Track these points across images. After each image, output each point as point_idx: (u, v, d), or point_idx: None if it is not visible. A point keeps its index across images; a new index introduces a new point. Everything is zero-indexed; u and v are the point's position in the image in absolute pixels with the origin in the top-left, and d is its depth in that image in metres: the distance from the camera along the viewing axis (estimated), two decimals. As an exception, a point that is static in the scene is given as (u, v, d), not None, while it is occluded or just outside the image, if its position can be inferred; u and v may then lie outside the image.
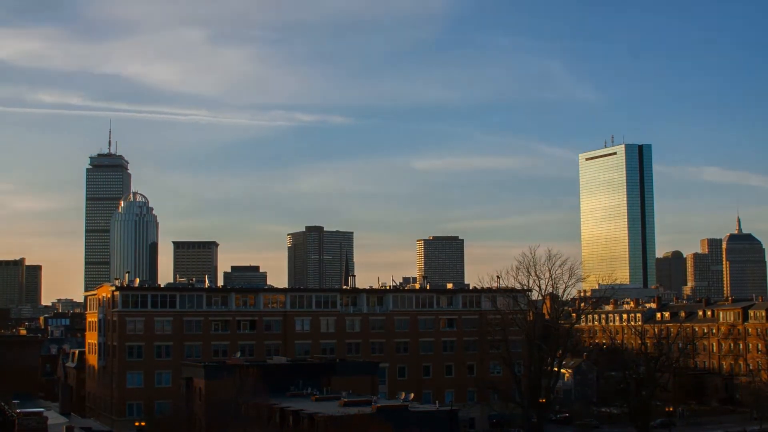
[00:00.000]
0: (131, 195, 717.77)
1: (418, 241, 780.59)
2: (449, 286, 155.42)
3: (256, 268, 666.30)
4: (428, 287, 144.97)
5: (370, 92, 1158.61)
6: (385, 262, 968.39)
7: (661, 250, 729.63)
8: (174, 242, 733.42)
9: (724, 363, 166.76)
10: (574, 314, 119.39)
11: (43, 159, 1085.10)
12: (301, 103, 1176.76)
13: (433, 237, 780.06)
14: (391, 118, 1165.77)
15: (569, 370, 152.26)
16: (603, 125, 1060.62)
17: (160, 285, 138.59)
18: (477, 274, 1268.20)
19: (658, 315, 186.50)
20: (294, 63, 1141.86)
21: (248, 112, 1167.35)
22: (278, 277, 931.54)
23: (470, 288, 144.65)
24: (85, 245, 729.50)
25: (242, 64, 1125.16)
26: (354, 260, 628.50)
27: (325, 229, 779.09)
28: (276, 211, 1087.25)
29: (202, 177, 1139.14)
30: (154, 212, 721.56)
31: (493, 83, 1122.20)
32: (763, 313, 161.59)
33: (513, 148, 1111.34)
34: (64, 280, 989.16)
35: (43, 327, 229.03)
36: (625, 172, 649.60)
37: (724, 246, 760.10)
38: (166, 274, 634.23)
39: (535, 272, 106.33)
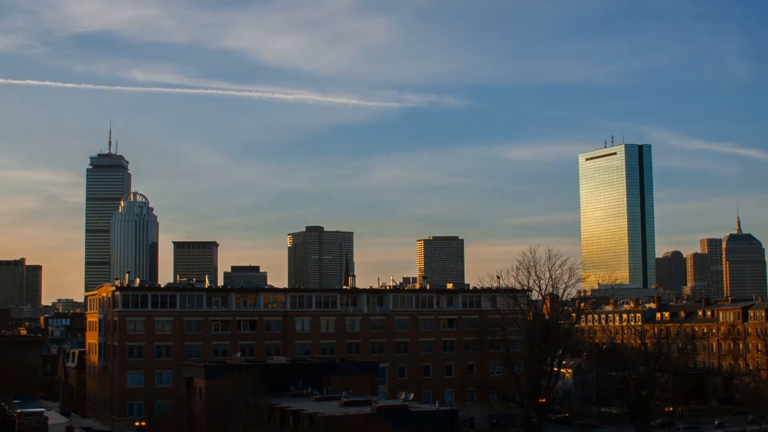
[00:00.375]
0: (131, 195, 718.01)
1: (418, 241, 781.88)
2: (449, 286, 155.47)
3: (256, 268, 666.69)
4: (428, 287, 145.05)
5: (501, 70, 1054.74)
6: (385, 261, 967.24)
7: (660, 250, 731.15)
8: (174, 242, 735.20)
9: (723, 363, 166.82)
10: (574, 314, 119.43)
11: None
12: (419, 82, 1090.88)
13: (433, 237, 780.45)
14: (512, 99, 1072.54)
15: (569, 370, 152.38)
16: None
17: (160, 285, 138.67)
18: (477, 274, 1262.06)
19: (658, 315, 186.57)
20: (432, 35, 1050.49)
21: (361, 91, 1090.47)
22: (279, 277, 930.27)
23: (470, 288, 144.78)
24: (86, 245, 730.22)
25: (377, 37, 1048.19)
26: (354, 260, 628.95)
27: (325, 229, 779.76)
28: (340, 206, 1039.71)
29: (276, 166, 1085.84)
30: (154, 212, 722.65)
31: (643, 60, 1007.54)
32: (763, 313, 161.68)
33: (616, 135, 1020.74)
34: (64, 280, 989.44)
35: (43, 327, 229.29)
36: (625, 172, 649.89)
37: (723, 246, 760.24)
38: (166, 274, 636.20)
39: (535, 272, 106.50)
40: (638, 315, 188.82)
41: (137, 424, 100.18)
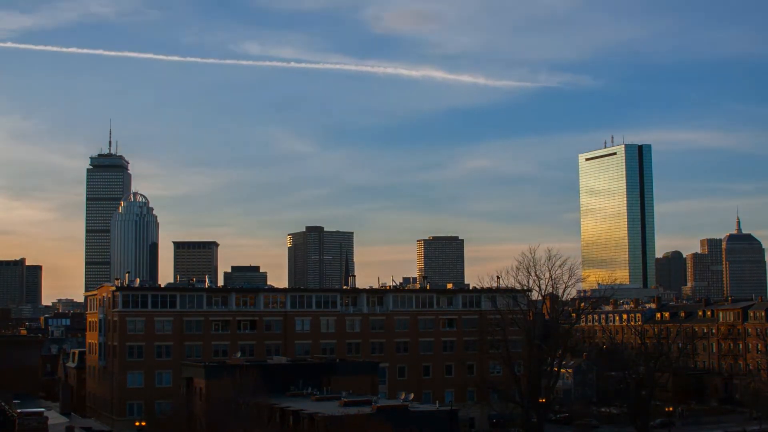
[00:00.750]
0: (131, 195, 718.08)
1: (418, 241, 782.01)
2: (449, 286, 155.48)
3: (256, 268, 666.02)
4: (428, 287, 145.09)
5: (657, 46, 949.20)
6: (385, 261, 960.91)
7: (660, 250, 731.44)
8: (174, 242, 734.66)
9: (723, 363, 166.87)
10: (574, 314, 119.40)
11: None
12: (562, 58, 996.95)
13: (433, 237, 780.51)
14: (654, 79, 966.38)
15: (569, 370, 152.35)
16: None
17: (160, 285, 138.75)
18: (477, 274, 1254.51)
19: (658, 315, 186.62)
20: (602, 4, 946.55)
21: (495, 68, 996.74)
22: (279, 277, 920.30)
23: (470, 288, 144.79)
24: (86, 245, 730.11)
25: (540, 4, 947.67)
26: (354, 260, 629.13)
27: (325, 229, 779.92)
28: (406, 202, 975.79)
29: (359, 155, 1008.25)
30: (154, 212, 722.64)
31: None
32: (763, 313, 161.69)
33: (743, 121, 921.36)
34: (64, 280, 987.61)
35: (43, 327, 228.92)
36: (625, 172, 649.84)
37: (723, 246, 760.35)
38: (166, 274, 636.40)
39: (535, 272, 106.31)
40: (638, 315, 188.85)
41: (137, 424, 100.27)
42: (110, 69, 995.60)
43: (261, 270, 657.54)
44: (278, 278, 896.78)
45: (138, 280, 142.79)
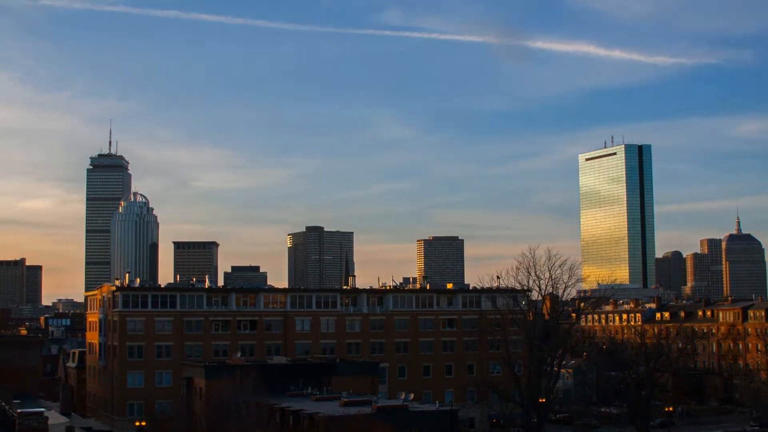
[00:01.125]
0: (132, 195, 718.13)
1: (418, 241, 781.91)
2: (449, 286, 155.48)
3: (256, 268, 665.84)
4: (428, 287, 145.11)
5: None
6: (385, 261, 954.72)
7: (660, 250, 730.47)
8: (174, 242, 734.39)
9: (723, 363, 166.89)
10: (573, 314, 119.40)
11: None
12: (731, 32, 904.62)
13: (433, 237, 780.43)
14: None
15: (569, 370, 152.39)
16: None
17: (160, 285, 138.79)
18: (477, 274, 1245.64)
19: (658, 315, 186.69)
20: None
21: (658, 42, 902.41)
22: (279, 277, 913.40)
23: (470, 288, 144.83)
24: (86, 245, 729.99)
25: None
26: (354, 260, 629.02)
27: (325, 229, 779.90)
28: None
29: (457, 143, 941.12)
30: (155, 212, 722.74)
31: None
32: (763, 313, 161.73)
33: None
34: (64, 280, 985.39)
35: (43, 327, 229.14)
36: (624, 173, 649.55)
37: (723, 246, 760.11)
38: (166, 274, 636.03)
39: (535, 272, 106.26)
40: (638, 315, 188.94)
41: (137, 424, 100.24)
42: (232, 39, 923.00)
43: (261, 270, 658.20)
44: (278, 278, 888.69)
45: (138, 280, 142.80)
